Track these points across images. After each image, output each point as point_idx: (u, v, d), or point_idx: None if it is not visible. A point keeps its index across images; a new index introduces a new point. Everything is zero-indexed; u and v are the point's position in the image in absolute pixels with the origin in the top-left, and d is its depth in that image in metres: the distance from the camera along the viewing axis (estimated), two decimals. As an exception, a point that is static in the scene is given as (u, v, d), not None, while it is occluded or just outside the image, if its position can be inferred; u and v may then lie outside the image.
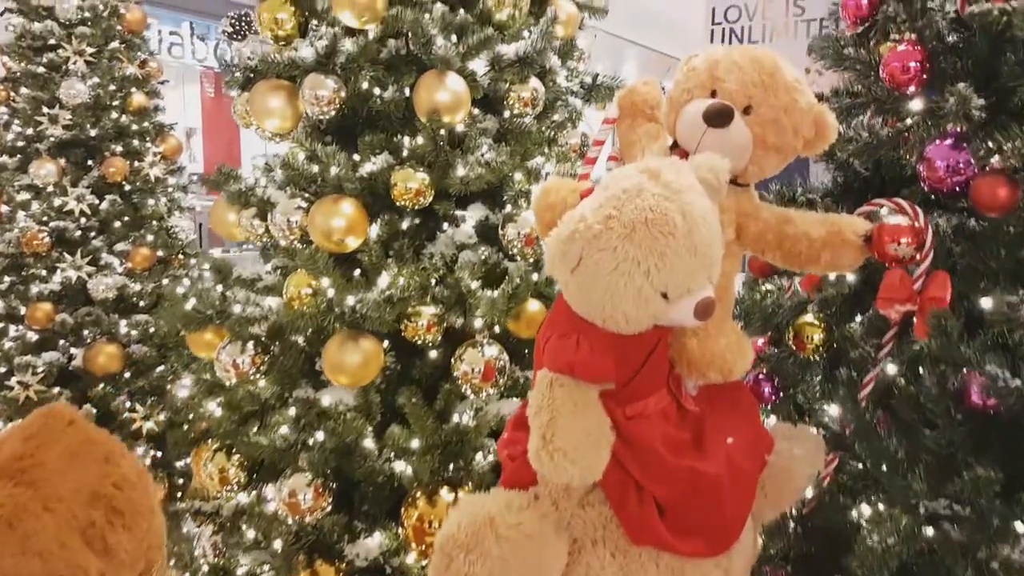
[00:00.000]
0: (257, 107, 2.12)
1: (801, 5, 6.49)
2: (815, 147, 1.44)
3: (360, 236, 2.00)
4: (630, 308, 1.25)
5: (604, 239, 1.23)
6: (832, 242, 1.41)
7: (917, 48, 1.49)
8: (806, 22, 6.35)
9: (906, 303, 1.43)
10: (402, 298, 1.95)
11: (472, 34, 2.07)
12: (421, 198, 2.02)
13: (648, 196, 1.23)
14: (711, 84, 1.42)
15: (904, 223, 1.37)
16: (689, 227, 1.23)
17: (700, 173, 1.31)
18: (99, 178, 3.16)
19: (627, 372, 1.36)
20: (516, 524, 1.28)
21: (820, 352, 1.55)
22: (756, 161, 1.42)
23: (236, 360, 2.05)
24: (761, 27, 6.75)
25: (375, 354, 1.95)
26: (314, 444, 1.94)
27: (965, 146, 1.43)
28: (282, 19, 2.18)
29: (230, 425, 2.02)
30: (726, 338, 1.41)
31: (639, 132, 1.62)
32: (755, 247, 1.49)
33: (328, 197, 1.97)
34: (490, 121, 2.16)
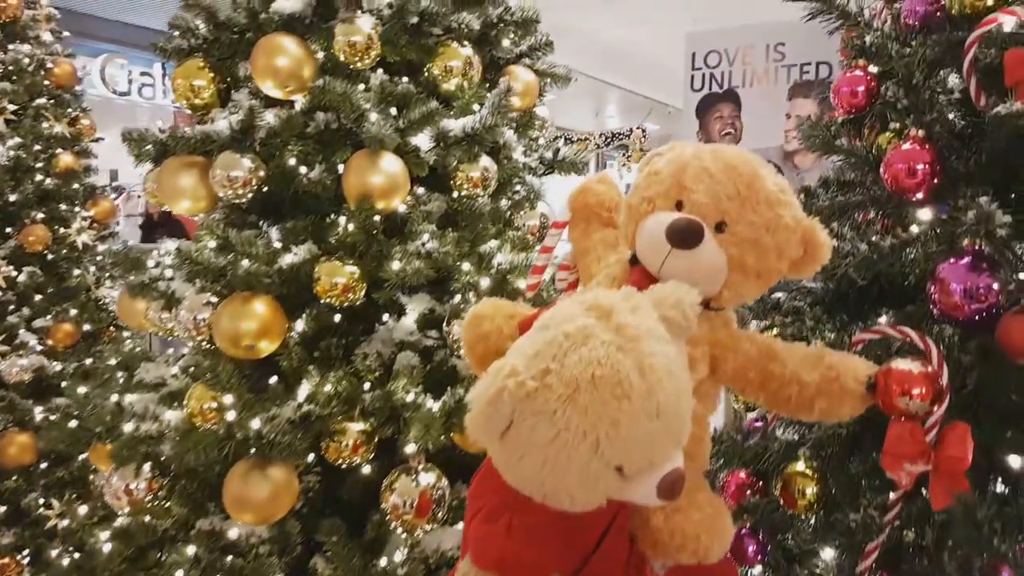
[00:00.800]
0: (165, 187, 1.85)
1: (781, 50, 6.36)
2: (804, 269, 1.18)
3: (275, 340, 1.71)
4: (575, 487, 0.98)
5: (540, 401, 0.95)
6: (828, 390, 1.14)
7: (926, 148, 1.24)
8: (787, 67, 6.21)
9: (918, 461, 1.16)
10: (321, 416, 1.65)
11: (415, 107, 1.82)
12: (350, 294, 1.74)
13: (596, 345, 0.96)
14: (677, 193, 1.15)
15: (916, 370, 1.10)
16: (649, 386, 0.96)
17: (663, 311, 1.04)
18: (17, 247, 2.86)
19: (574, 558, 1.08)
20: None
21: (815, 510, 1.27)
22: (732, 286, 1.15)
23: (129, 486, 1.74)
24: (741, 72, 6.60)
25: (287, 485, 1.65)
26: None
27: (986, 268, 1.17)
28: (199, 86, 1.92)
29: (120, 565, 1.70)
30: (700, 512, 1.12)
31: (594, 239, 1.35)
32: (734, 385, 1.22)
33: (237, 296, 1.69)
34: (436, 202, 1.90)
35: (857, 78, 1.34)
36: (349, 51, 1.76)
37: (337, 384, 1.76)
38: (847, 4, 1.38)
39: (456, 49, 1.87)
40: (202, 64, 1.93)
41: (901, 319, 1.40)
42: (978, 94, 1.27)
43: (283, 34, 1.78)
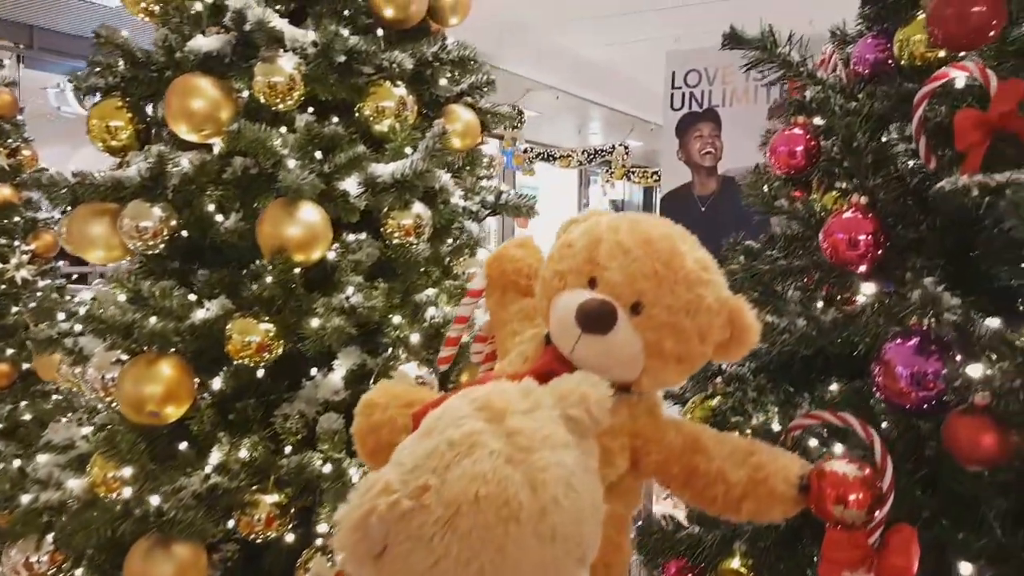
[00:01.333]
0: (75, 235, 1.72)
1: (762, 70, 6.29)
2: (731, 352, 1.06)
3: (182, 404, 1.58)
4: (456, 614, 0.85)
5: (416, 524, 0.83)
6: (756, 492, 1.02)
7: (868, 217, 1.13)
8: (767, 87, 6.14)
9: (858, 568, 1.04)
10: (229, 489, 1.53)
11: (342, 150, 1.70)
12: (265, 353, 1.61)
13: (483, 457, 0.85)
14: (590, 270, 1.04)
15: (852, 474, 0.98)
16: (542, 505, 0.84)
17: (566, 409, 0.92)
18: (-51, 284, 2.73)
19: None
20: None
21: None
22: (651, 373, 1.04)
23: (30, 559, 1.61)
24: (721, 92, 6.57)
25: (193, 563, 1.52)
26: None
27: (936, 351, 1.06)
28: (116, 127, 1.80)
29: (10, 648, 1.57)
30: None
31: (511, 311, 1.24)
32: (658, 479, 1.10)
33: (142, 357, 1.56)
34: (368, 249, 1.77)
35: (795, 137, 1.23)
36: (269, 92, 1.64)
37: (253, 450, 1.63)
38: (788, 53, 1.27)
39: (388, 89, 1.75)
40: (120, 104, 1.81)
41: (849, 394, 1.29)
42: (928, 155, 1.16)
43: (199, 74, 1.66)
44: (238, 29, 1.65)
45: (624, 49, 7.24)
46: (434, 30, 1.95)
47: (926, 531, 1.11)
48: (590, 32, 6.88)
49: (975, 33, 1.05)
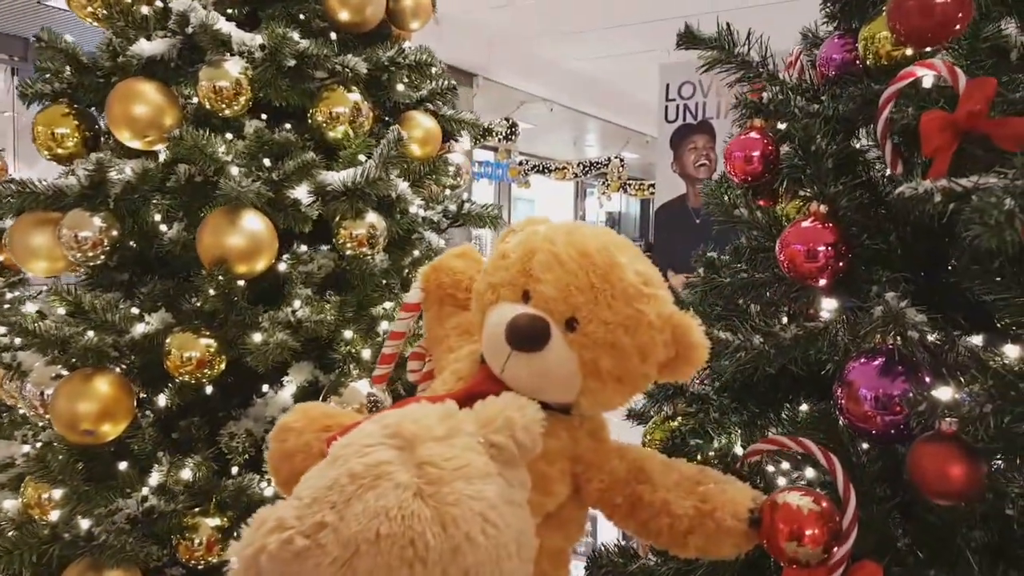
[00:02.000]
0: (17, 246, 1.65)
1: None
2: (678, 372, 0.98)
3: (120, 422, 1.50)
4: (360, 675, 0.76)
5: (311, 565, 0.76)
6: (703, 526, 0.93)
7: (828, 226, 1.05)
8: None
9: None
10: (165, 511, 1.44)
11: (291, 157, 1.62)
12: (206, 369, 1.53)
13: (388, 491, 0.77)
14: (524, 283, 0.96)
15: (808, 508, 0.89)
16: (453, 544, 0.76)
17: (489, 435, 0.84)
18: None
19: None
20: None
21: (703, 651, 1.06)
22: (589, 394, 0.95)
23: (-45, 585, 1.52)
24: (716, 103, 6.53)
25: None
26: None
27: (902, 372, 0.97)
28: (62, 134, 1.73)
29: None
30: None
31: (447, 326, 1.15)
32: (602, 508, 1.02)
33: (76, 374, 1.48)
34: (320, 260, 1.70)
35: (752, 141, 1.15)
36: (215, 97, 1.57)
37: (196, 470, 1.55)
38: (747, 53, 1.19)
39: (342, 94, 1.68)
40: (66, 111, 1.74)
41: (817, 416, 1.20)
42: (894, 160, 1.08)
43: (142, 79, 1.59)
44: (182, 32, 1.58)
45: (617, 61, 7.20)
46: (396, 35, 1.89)
47: (898, 566, 1.02)
48: (582, 44, 6.84)
49: (939, 27, 0.97)
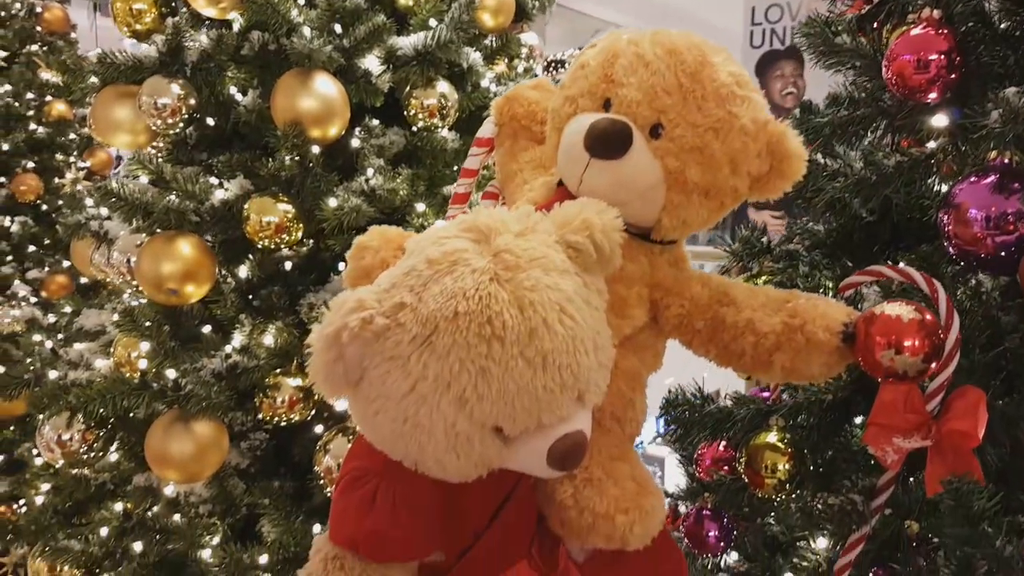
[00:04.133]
0: (100, 120, 1.69)
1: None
2: (770, 188, 0.92)
3: (203, 284, 1.54)
4: (443, 452, 0.78)
5: (391, 343, 0.76)
6: (790, 341, 0.88)
7: (942, 32, 0.95)
8: (856, 21, 5.70)
9: (912, 435, 0.90)
10: (248, 368, 1.49)
11: (361, 22, 1.60)
12: (285, 235, 1.55)
13: (465, 274, 0.76)
14: (605, 90, 0.91)
15: (908, 316, 0.83)
16: (531, 327, 0.75)
17: (566, 235, 0.82)
18: (9, 197, 2.80)
19: (463, 537, 0.88)
20: None
21: (786, 490, 1.02)
22: (673, 210, 0.91)
23: (62, 436, 1.62)
24: (805, 27, 6.11)
25: (214, 441, 1.49)
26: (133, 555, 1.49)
27: (1018, 188, 0.89)
28: (140, 10, 1.74)
29: (50, 518, 1.59)
30: (618, 488, 0.89)
31: (521, 160, 1.12)
32: (680, 336, 0.98)
33: (159, 236, 1.52)
34: (391, 136, 1.68)
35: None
36: (286, -40, 1.55)
37: (277, 336, 1.59)
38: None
39: (413, -42, 1.64)
40: (142, -16, 1.75)
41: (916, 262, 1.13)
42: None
43: (214, -57, 1.58)
44: None
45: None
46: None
47: (995, 400, 0.96)
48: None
49: None
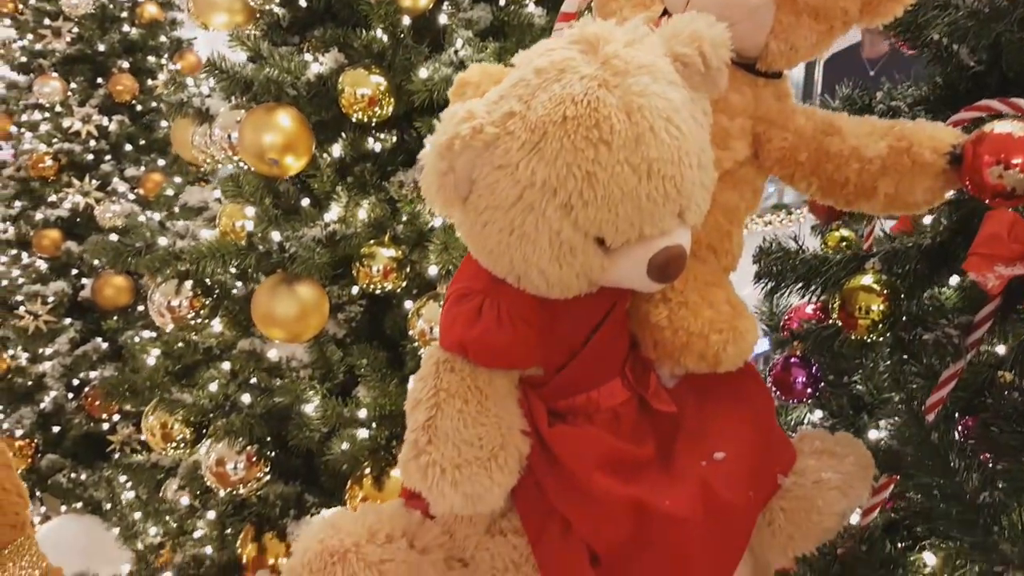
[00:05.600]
0: (199, 1, 1.75)
1: None
2: (882, 10, 0.91)
3: (302, 156, 1.61)
4: (547, 262, 0.82)
5: (501, 151, 0.79)
6: (896, 164, 0.89)
7: None
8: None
9: (1015, 264, 0.90)
10: (345, 236, 1.56)
11: None
12: (377, 108, 1.60)
13: (574, 81, 0.78)
14: None
15: (1019, 132, 0.82)
16: (638, 133, 0.77)
17: (675, 47, 0.83)
18: (106, 97, 2.93)
19: (559, 354, 0.93)
20: (376, 562, 0.89)
21: (879, 331, 1.04)
22: (782, 33, 0.91)
23: (171, 302, 1.75)
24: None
25: (315, 304, 1.59)
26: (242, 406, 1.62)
27: None
28: None
29: (162, 377, 1.74)
30: (713, 310, 0.93)
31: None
32: (782, 171, 0.99)
33: (260, 107, 1.59)
34: (478, 11, 1.70)
35: None
36: None
37: (371, 211, 1.66)
38: None
39: None
40: None
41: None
42: None
43: None
44: None
45: None
46: None
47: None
48: None
49: None
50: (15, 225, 3.00)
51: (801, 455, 1.02)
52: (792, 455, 1.02)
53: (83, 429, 2.98)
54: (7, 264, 3.01)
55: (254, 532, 1.79)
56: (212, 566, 1.80)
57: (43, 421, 3.02)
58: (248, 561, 1.78)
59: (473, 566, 0.95)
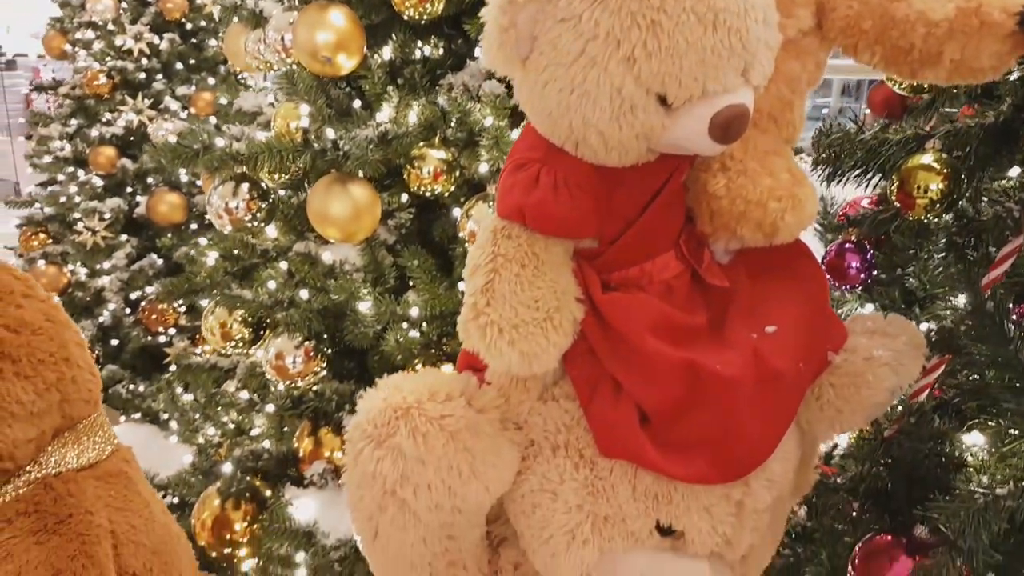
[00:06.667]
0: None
1: None
2: None
3: (354, 55, 1.62)
4: (606, 121, 0.83)
5: (564, 3, 0.80)
6: (964, 26, 0.87)
7: None
8: None
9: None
10: (396, 136, 1.58)
11: None
12: (428, 5, 1.60)
13: None
14: None
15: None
16: None
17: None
18: (157, 15, 2.96)
19: (615, 225, 0.95)
20: (437, 418, 0.94)
21: (937, 210, 1.03)
22: None
23: (229, 204, 1.80)
24: None
25: (369, 204, 1.62)
26: (300, 302, 1.68)
27: None
28: None
29: (222, 276, 1.81)
30: (773, 178, 0.93)
31: None
32: (845, 41, 0.97)
33: (313, 5, 1.60)
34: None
35: None
36: None
37: (421, 113, 1.67)
38: None
39: None
40: None
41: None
42: None
43: None
44: None
45: None
46: None
47: None
48: None
49: None
50: (72, 143, 3.08)
51: (853, 334, 1.03)
52: (843, 334, 1.03)
53: (140, 342, 3.11)
54: (65, 182, 3.11)
55: (310, 427, 1.87)
56: (270, 459, 1.89)
57: (102, 334, 3.16)
58: (305, 454, 1.87)
59: (527, 429, 0.99)
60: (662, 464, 0.92)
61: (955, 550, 0.82)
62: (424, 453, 0.92)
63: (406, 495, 0.92)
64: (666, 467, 0.92)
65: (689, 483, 0.93)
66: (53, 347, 1.20)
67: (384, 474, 0.92)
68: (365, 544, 1.01)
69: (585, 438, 0.96)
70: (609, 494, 0.94)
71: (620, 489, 0.94)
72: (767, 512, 0.97)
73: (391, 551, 0.98)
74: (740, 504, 0.95)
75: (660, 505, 0.93)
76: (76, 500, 1.15)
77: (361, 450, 0.94)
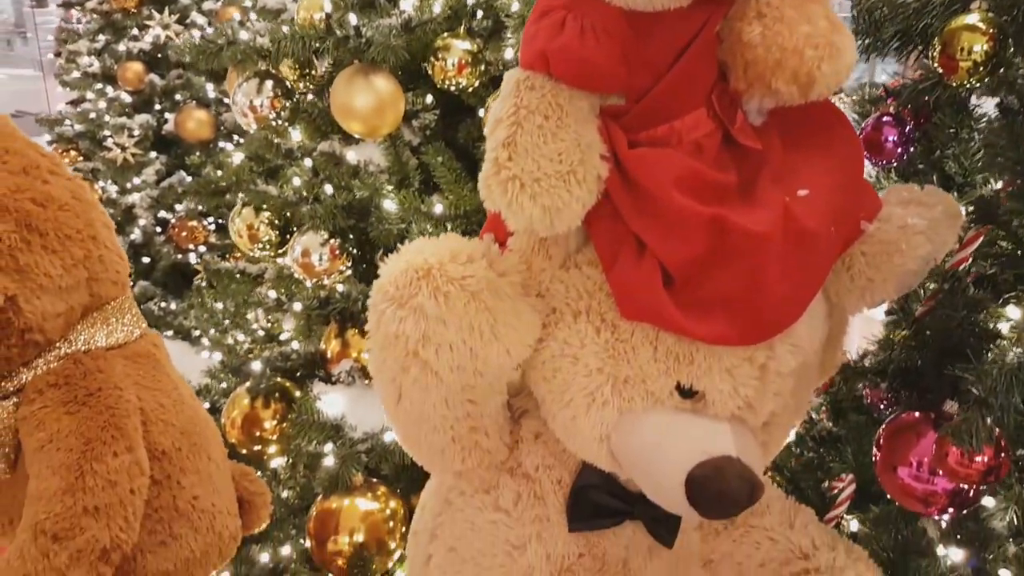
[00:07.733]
0: None
1: None
2: None
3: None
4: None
5: None
6: None
7: None
8: None
9: None
10: (421, 23, 1.54)
11: None
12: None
13: None
14: None
15: None
16: None
17: None
18: (181, -72, 2.92)
19: (644, 77, 0.91)
20: (458, 278, 0.93)
21: (980, 74, 0.97)
22: None
23: (253, 101, 1.79)
24: None
25: (392, 98, 1.60)
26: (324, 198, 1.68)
27: None
28: None
29: (247, 175, 1.81)
30: (810, 25, 0.88)
31: None
32: None
33: None
34: None
35: None
36: None
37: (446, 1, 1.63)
38: None
39: None
40: None
41: None
42: None
43: None
44: None
45: None
46: None
47: None
48: None
49: None
50: (100, 59, 3.08)
51: (887, 204, 1.00)
52: (877, 204, 0.99)
53: (171, 260, 3.16)
54: (94, 99, 3.12)
55: (337, 328, 1.89)
56: (298, 359, 1.92)
57: (133, 252, 3.21)
58: (332, 355, 1.90)
59: (548, 297, 0.98)
60: (683, 324, 0.90)
61: (986, 408, 0.80)
62: (445, 312, 0.91)
63: (428, 355, 0.92)
64: (688, 327, 0.90)
65: (711, 343, 0.91)
66: (80, 224, 1.21)
67: (406, 334, 0.92)
68: (388, 409, 1.02)
69: (607, 303, 0.95)
70: (630, 356, 0.93)
71: (641, 351, 0.93)
72: (791, 377, 0.96)
73: (414, 413, 0.99)
74: (763, 367, 0.93)
75: (681, 366, 0.92)
76: (105, 375, 1.17)
77: (383, 311, 0.94)
